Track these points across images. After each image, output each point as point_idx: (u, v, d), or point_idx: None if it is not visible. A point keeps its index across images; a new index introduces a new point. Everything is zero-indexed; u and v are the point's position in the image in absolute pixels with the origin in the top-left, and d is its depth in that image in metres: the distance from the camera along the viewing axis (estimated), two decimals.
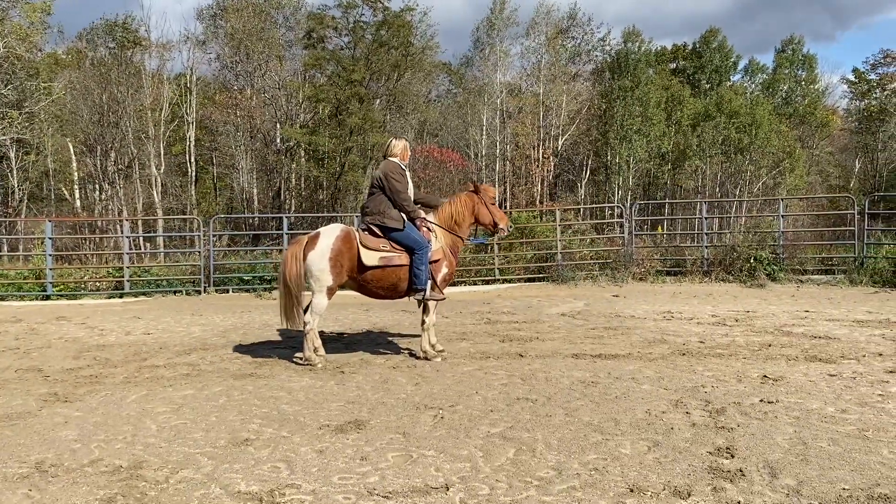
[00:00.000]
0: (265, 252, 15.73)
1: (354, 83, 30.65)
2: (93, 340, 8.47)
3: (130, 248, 15.52)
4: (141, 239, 28.40)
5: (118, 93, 30.01)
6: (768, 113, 35.31)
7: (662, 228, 18.81)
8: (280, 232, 15.19)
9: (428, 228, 6.88)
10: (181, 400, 5.43)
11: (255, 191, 33.77)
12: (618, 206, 20.42)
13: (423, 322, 6.90)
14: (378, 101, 32.60)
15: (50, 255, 14.14)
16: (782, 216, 15.10)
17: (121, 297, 13.81)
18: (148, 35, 33.19)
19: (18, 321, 10.38)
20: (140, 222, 30.41)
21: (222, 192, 38.03)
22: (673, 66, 44.60)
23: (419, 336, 7.11)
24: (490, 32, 35.90)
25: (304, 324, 6.67)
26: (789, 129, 37.00)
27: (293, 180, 33.56)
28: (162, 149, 31.81)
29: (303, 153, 33.04)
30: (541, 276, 14.72)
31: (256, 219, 30.94)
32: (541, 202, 32.62)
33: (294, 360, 6.90)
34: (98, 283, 14.78)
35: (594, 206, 30.50)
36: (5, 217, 26.92)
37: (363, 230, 6.74)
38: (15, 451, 4.30)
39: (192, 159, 33.29)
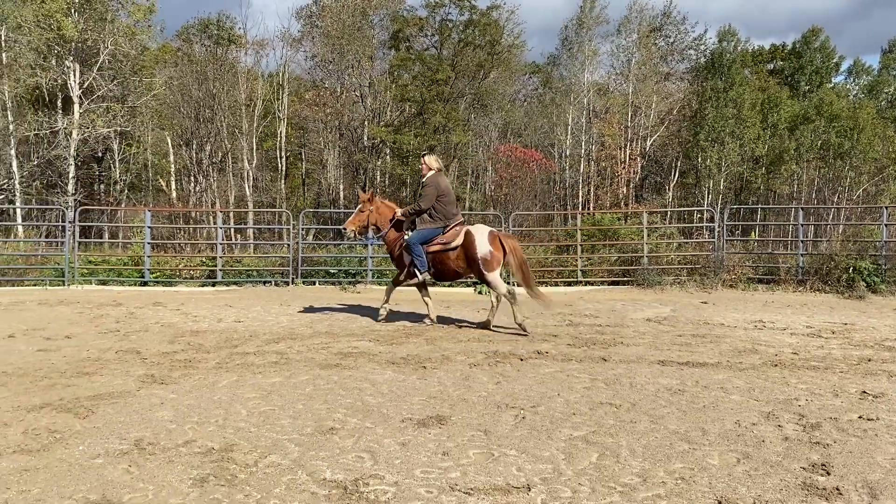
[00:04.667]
0: (350, 246, 16.04)
1: (439, 83, 30.88)
2: (187, 326, 8.85)
3: (223, 239, 16.10)
4: (232, 230, 29.43)
5: (214, 89, 31.21)
6: (872, 117, 33.51)
7: (755, 235, 18.12)
8: None
9: None
10: (270, 387, 5.60)
11: (341, 187, 34.50)
12: (708, 210, 19.81)
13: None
14: (463, 100, 32.72)
15: (148, 244, 14.84)
16: (886, 225, 14.30)
17: (213, 285, 14.35)
18: (244, 33, 34.43)
19: (119, 305, 10.94)
20: (231, 214, 31.59)
21: (310, 187, 39.00)
22: (770, 66, 42.92)
23: (499, 334, 7.21)
24: (579, 31, 35.47)
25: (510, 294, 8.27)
26: (895, 134, 35.03)
27: (378, 177, 34.09)
28: (254, 144, 32.89)
29: (388, 151, 33.52)
30: (625, 279, 14.43)
31: (342, 214, 31.58)
32: (626, 204, 32.03)
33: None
34: (192, 272, 15.41)
35: (683, 209, 29.68)
36: (108, 205, 28.39)
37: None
38: (116, 428, 4.53)
39: (283, 155, 34.29)
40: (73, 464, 3.87)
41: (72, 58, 26.83)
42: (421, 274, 8.61)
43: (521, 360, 6.72)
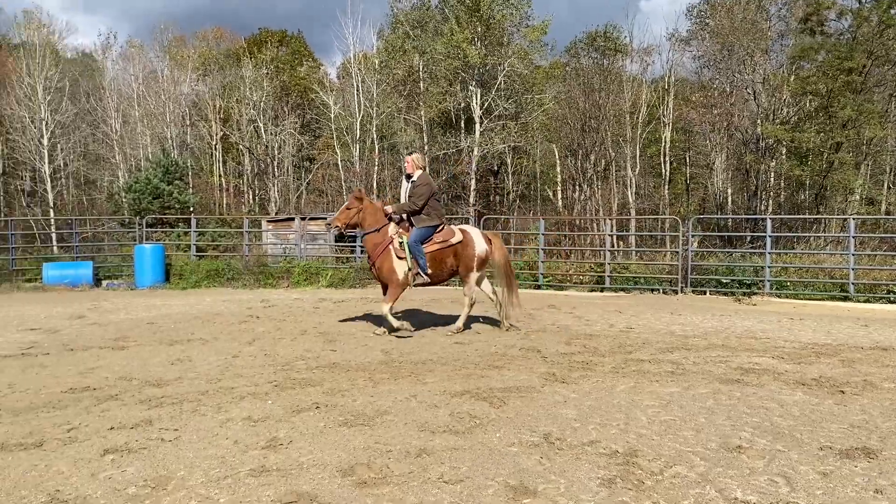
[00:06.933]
0: (744, 255, 15.09)
1: (850, 72, 27.31)
2: (580, 329, 9.20)
3: (610, 246, 16.48)
4: (614, 237, 29.90)
5: (599, 99, 32.07)
6: None
7: None
8: (761, 234, 14.39)
9: None
10: (668, 396, 5.52)
11: (729, 191, 32.73)
12: None
13: None
14: (880, 89, 28.48)
15: (542, 250, 15.81)
16: None
17: (601, 290, 14.71)
18: (630, 41, 34.80)
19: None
20: (614, 221, 32.10)
21: (694, 192, 37.73)
22: None
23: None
24: None
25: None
26: None
27: (771, 180, 31.51)
28: (638, 151, 32.97)
29: (783, 151, 30.79)
30: None
31: (730, 220, 29.94)
32: None
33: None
34: (581, 277, 16.01)
35: None
36: (502, 214, 31.00)
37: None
38: (526, 420, 4.87)
39: (667, 160, 33.77)
40: (493, 449, 4.26)
41: (474, 82, 29.94)
42: (425, 274, 8.56)
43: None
